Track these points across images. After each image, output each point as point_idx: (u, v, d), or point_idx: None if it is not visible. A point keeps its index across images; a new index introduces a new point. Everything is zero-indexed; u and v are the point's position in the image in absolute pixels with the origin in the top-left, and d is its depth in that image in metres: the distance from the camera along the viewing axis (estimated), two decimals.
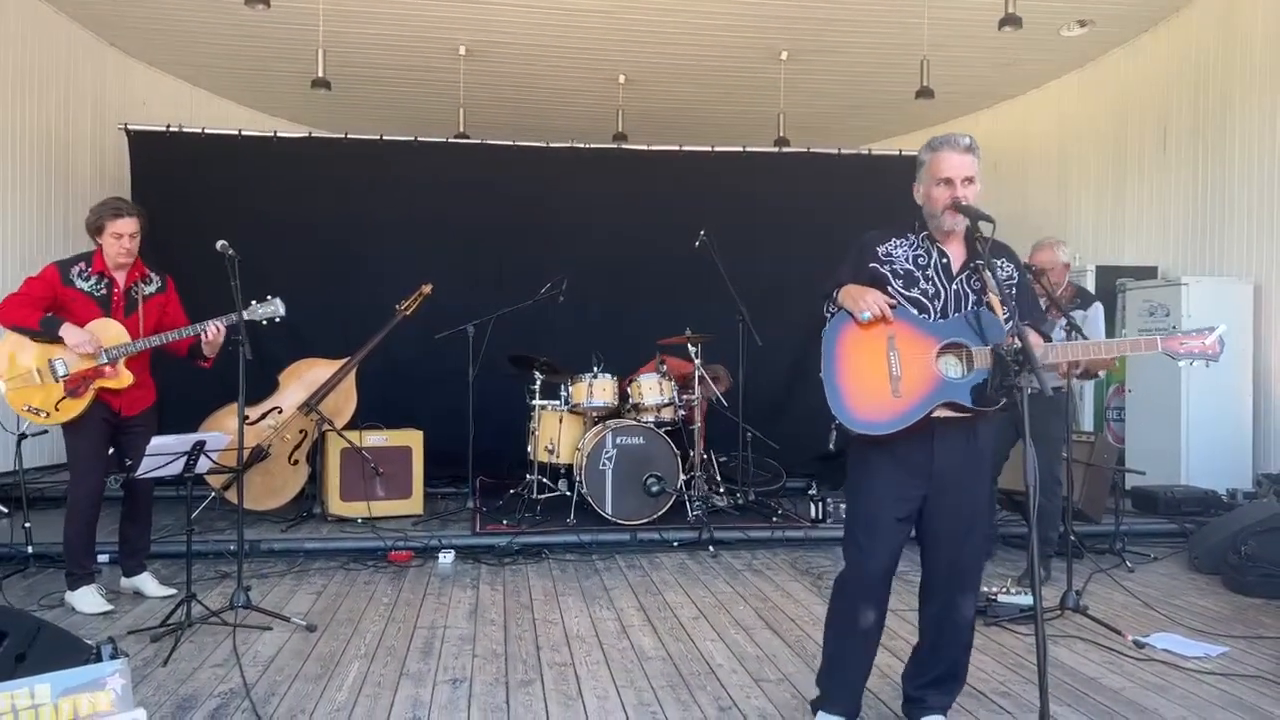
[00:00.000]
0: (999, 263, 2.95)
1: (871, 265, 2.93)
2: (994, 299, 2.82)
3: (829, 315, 2.92)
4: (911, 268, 2.92)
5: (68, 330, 4.27)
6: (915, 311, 2.88)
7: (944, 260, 2.93)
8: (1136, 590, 4.93)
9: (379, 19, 7.72)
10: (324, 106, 9.20)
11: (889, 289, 2.89)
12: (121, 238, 4.39)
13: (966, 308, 2.89)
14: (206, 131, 7.73)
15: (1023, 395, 2.63)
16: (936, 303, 2.89)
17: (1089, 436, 6.37)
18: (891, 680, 3.46)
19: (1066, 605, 4.42)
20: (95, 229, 4.42)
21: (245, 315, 4.38)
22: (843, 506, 5.27)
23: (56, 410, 4.32)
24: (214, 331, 4.40)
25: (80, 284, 4.40)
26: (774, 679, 3.68)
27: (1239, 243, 7.19)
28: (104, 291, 4.44)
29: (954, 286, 2.91)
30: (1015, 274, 3.00)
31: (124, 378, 4.40)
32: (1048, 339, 3.07)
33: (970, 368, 2.83)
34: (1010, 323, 2.78)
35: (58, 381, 4.31)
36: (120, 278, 4.48)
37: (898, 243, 2.96)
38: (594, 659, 3.89)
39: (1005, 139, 9.94)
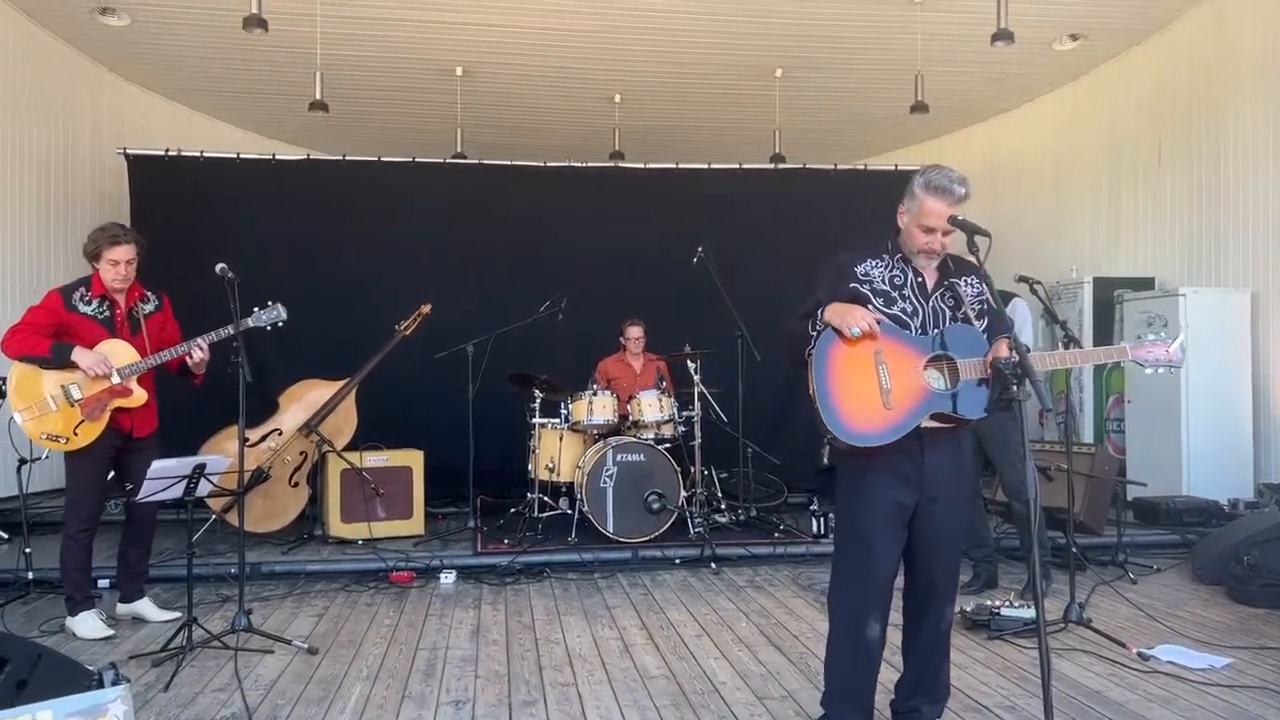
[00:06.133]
0: (969, 280, 3.02)
1: (852, 285, 2.98)
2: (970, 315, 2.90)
3: (814, 334, 2.95)
4: (888, 287, 2.98)
5: (79, 354, 4.29)
6: (897, 327, 2.93)
7: (919, 279, 3.00)
8: (1140, 602, 4.92)
9: (376, 41, 7.76)
10: (322, 129, 9.24)
11: (869, 307, 2.93)
12: (118, 264, 4.42)
13: (944, 324, 2.97)
14: (205, 155, 7.78)
15: (1021, 407, 2.70)
16: (915, 320, 2.96)
17: (1089, 448, 6.36)
18: (888, 689, 3.44)
19: (1070, 618, 4.41)
20: (93, 255, 4.45)
21: (250, 322, 4.50)
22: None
23: (76, 435, 4.34)
24: (198, 354, 4.46)
25: (83, 308, 4.43)
26: (778, 696, 3.66)
27: (1236, 252, 7.21)
28: (107, 313, 4.47)
29: (930, 304, 2.99)
30: (984, 291, 3.03)
31: (138, 395, 4.45)
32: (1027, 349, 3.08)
33: (955, 380, 2.87)
34: (988, 334, 2.87)
35: (73, 406, 4.33)
36: (120, 299, 4.51)
37: (873, 263, 3.01)
38: (597, 678, 3.88)
39: (1000, 152, 9.99)
